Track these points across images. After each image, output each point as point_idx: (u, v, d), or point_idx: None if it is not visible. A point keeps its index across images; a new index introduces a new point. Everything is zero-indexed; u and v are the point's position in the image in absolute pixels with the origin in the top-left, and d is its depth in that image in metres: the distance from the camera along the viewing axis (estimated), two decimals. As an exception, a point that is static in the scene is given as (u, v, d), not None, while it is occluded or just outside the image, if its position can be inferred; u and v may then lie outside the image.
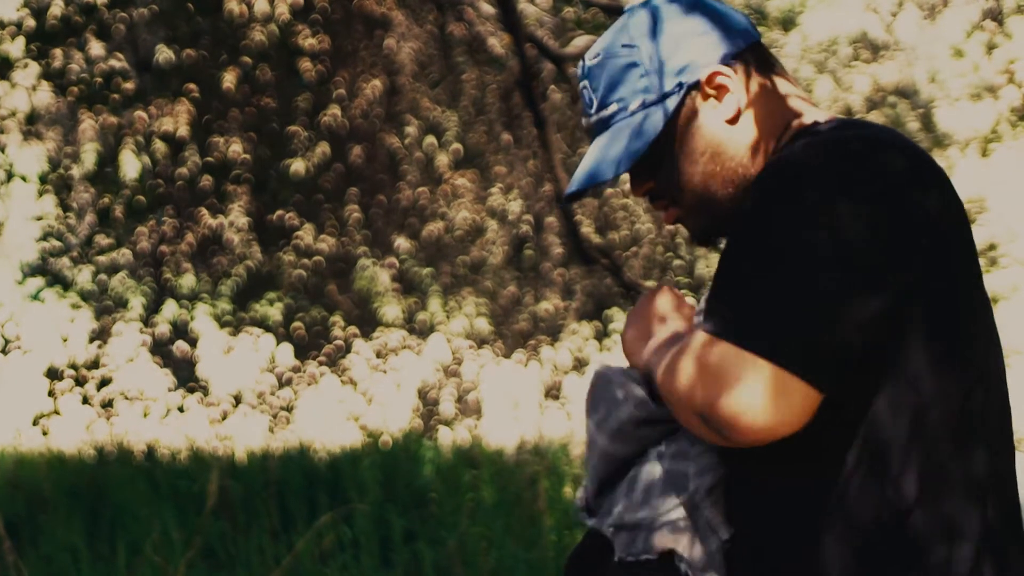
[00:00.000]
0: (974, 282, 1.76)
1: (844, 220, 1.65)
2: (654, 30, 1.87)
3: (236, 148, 10.31)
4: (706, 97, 1.84)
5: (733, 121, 1.84)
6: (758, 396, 1.62)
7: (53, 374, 9.79)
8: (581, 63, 1.94)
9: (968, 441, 1.72)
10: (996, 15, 10.35)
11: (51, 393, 9.72)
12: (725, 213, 1.86)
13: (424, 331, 10.61)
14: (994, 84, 10.76)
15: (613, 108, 1.88)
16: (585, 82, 1.92)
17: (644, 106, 1.86)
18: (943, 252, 1.70)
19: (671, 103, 1.84)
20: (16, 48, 9.24)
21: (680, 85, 1.84)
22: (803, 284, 1.63)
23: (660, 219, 9.77)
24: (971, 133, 10.81)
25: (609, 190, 10.50)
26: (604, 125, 1.89)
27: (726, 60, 1.85)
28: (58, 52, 9.45)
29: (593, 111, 1.91)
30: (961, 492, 1.70)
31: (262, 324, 10.35)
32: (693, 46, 1.85)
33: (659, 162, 1.87)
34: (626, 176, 1.94)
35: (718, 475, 1.78)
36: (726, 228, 1.88)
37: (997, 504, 1.73)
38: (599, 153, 1.88)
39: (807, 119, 1.85)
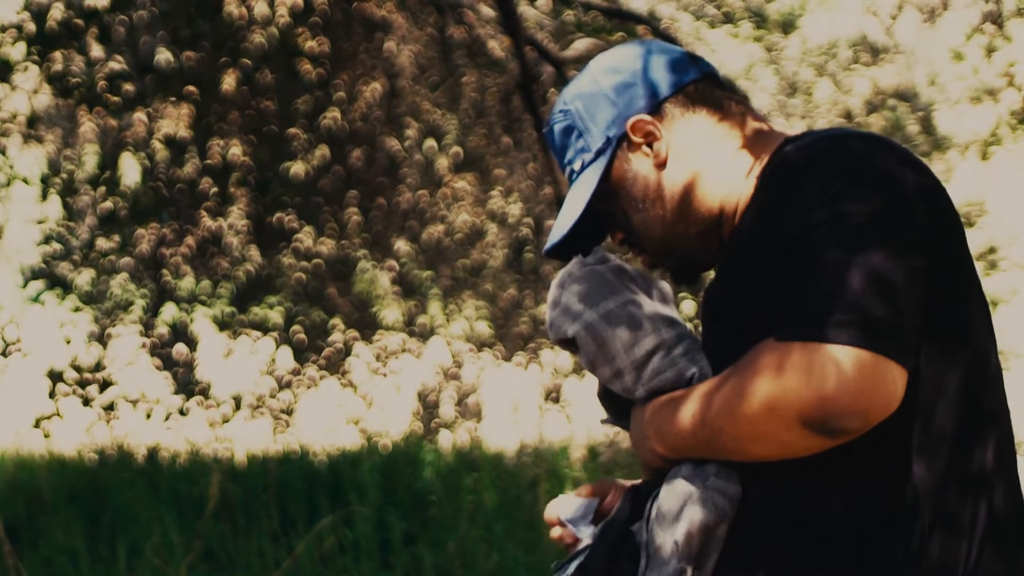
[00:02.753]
0: (974, 280, 1.79)
1: (875, 205, 1.67)
2: (583, 91, 1.93)
3: (236, 150, 10.31)
4: (636, 146, 1.89)
5: (662, 165, 1.88)
6: (865, 384, 1.61)
7: (54, 377, 9.79)
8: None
9: (975, 437, 1.74)
10: (996, 18, 10.35)
11: (52, 396, 9.72)
12: (691, 249, 1.91)
13: (424, 334, 10.61)
14: (994, 87, 10.76)
15: (568, 170, 1.96)
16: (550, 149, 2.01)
17: (584, 166, 1.92)
18: (947, 244, 1.73)
19: (604, 159, 1.90)
20: (17, 51, 9.23)
21: (608, 140, 1.90)
22: (866, 270, 1.64)
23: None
24: (971, 136, 10.81)
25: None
26: (572, 182, 1.96)
27: (654, 106, 1.89)
28: (58, 55, 9.45)
29: (564, 172, 1.99)
30: (968, 487, 1.72)
31: (262, 327, 10.35)
32: (619, 99, 1.90)
33: (615, 214, 1.93)
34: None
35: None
36: (701, 263, 1.93)
37: (1004, 499, 1.75)
38: (562, 214, 1.95)
39: (775, 139, 1.86)
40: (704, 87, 1.91)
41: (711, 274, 1.93)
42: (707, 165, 1.87)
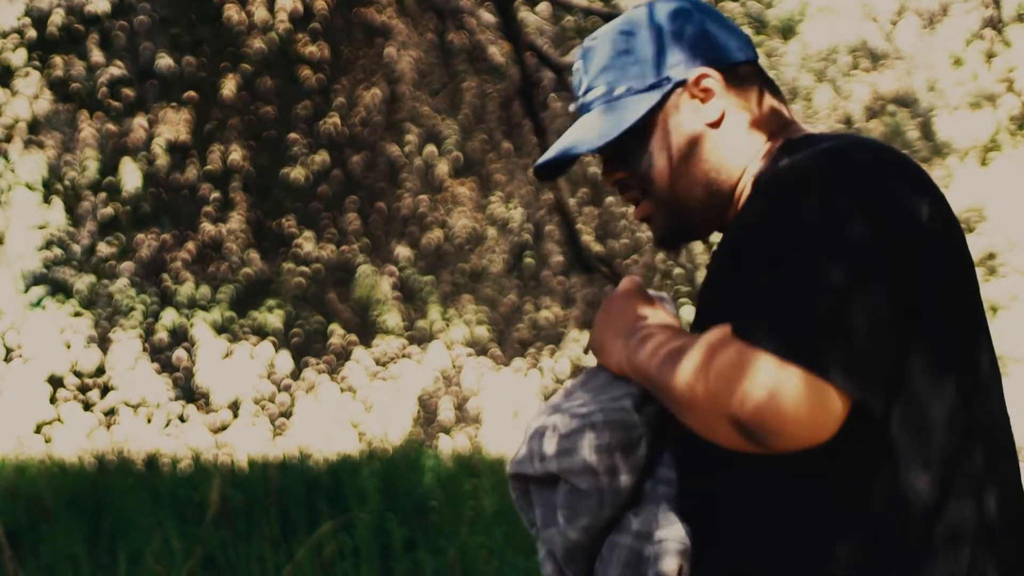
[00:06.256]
0: (972, 292, 1.77)
1: (859, 226, 1.64)
2: (655, 23, 1.90)
3: (236, 155, 10.32)
4: (692, 96, 1.87)
5: (714, 125, 1.87)
6: (803, 408, 1.58)
7: (54, 382, 9.79)
8: (581, 46, 1.96)
9: (969, 445, 1.73)
10: (995, 24, 10.36)
11: (52, 401, 9.73)
12: (694, 216, 1.90)
13: (424, 339, 10.62)
14: (993, 93, 10.78)
15: (599, 91, 1.91)
16: (580, 63, 1.95)
17: (629, 92, 1.89)
18: (942, 262, 1.72)
19: (656, 94, 1.88)
20: (18, 57, 9.25)
21: (668, 79, 1.88)
22: (838, 296, 1.61)
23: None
24: (970, 142, 10.83)
25: (609, 199, 10.51)
26: (588, 107, 1.92)
27: (718, 66, 1.88)
28: (59, 60, 9.46)
29: (581, 92, 1.94)
30: (963, 495, 1.71)
31: (261, 332, 10.35)
32: (689, 46, 1.88)
33: (635, 151, 1.90)
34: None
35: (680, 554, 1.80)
36: (694, 234, 1.92)
37: (998, 506, 1.74)
38: (578, 131, 1.91)
39: (798, 133, 1.88)
40: (759, 69, 1.92)
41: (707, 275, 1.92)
42: (745, 143, 1.87)
